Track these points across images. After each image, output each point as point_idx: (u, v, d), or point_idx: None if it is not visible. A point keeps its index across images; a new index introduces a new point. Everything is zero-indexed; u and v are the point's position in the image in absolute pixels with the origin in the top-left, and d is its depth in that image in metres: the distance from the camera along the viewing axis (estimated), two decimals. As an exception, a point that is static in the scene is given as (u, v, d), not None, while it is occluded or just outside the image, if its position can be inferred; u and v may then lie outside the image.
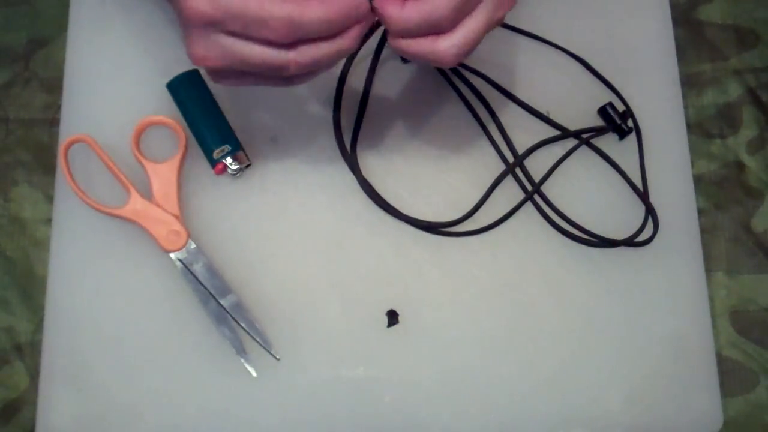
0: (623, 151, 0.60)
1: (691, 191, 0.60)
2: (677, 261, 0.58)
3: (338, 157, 0.58)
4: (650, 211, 0.59)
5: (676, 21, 0.64)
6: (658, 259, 0.58)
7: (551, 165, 0.59)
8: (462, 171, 0.59)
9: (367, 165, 0.58)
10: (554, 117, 0.60)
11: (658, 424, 0.56)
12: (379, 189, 0.58)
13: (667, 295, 0.58)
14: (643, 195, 0.59)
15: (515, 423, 0.55)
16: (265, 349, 0.55)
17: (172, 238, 0.55)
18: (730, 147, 0.63)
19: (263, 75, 0.45)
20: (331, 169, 0.58)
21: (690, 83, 0.64)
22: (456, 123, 0.60)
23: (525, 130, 0.60)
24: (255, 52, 0.43)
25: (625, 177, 0.59)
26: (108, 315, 0.55)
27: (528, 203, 0.59)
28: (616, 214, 0.59)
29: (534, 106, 0.60)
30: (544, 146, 0.60)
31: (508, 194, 0.59)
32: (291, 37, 0.42)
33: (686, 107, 0.63)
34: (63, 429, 0.54)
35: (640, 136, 0.60)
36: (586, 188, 0.59)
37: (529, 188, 0.59)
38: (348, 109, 0.59)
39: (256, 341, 0.55)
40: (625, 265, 0.58)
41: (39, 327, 0.57)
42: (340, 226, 0.57)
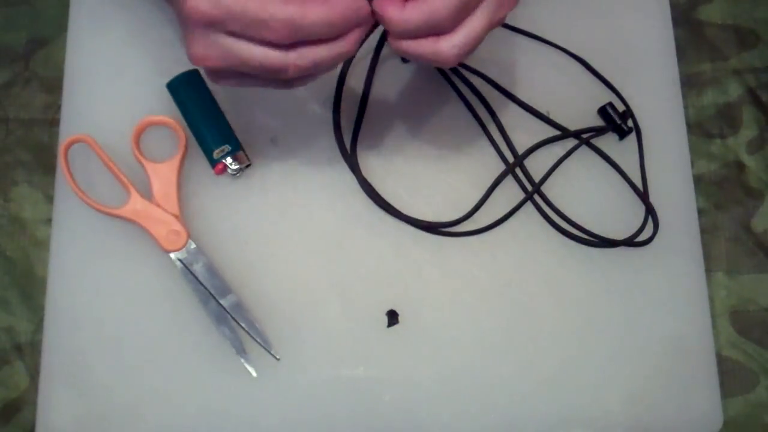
0: (623, 151, 0.60)
1: (691, 191, 0.60)
2: (677, 261, 0.58)
3: (338, 157, 0.58)
4: (650, 211, 0.59)
5: (676, 21, 0.64)
6: (658, 259, 0.58)
7: (551, 165, 0.59)
8: (462, 171, 0.59)
9: (367, 165, 0.58)
10: (554, 117, 0.60)
11: (658, 424, 0.56)
12: (379, 189, 0.58)
13: (667, 295, 0.58)
14: (643, 195, 0.59)
15: (515, 423, 0.55)
16: (265, 349, 0.55)
17: (172, 238, 0.55)
18: (730, 147, 0.63)
19: (262, 77, 0.45)
20: (331, 170, 0.58)
21: (690, 83, 0.64)
22: (456, 123, 0.60)
23: (525, 130, 0.60)
24: (255, 53, 0.42)
25: (625, 177, 0.59)
26: (108, 315, 0.55)
27: (528, 203, 0.59)
28: (616, 214, 0.59)
29: (534, 106, 0.60)
30: (544, 146, 0.60)
31: (508, 194, 0.59)
32: (291, 38, 0.42)
33: (686, 107, 0.63)
34: (63, 429, 0.54)
35: (640, 136, 0.60)
36: (586, 188, 0.59)
37: (529, 188, 0.59)
38: (348, 109, 0.59)
39: (256, 341, 0.55)
40: (625, 265, 0.58)
41: (39, 327, 0.57)
42: (340, 226, 0.57)
